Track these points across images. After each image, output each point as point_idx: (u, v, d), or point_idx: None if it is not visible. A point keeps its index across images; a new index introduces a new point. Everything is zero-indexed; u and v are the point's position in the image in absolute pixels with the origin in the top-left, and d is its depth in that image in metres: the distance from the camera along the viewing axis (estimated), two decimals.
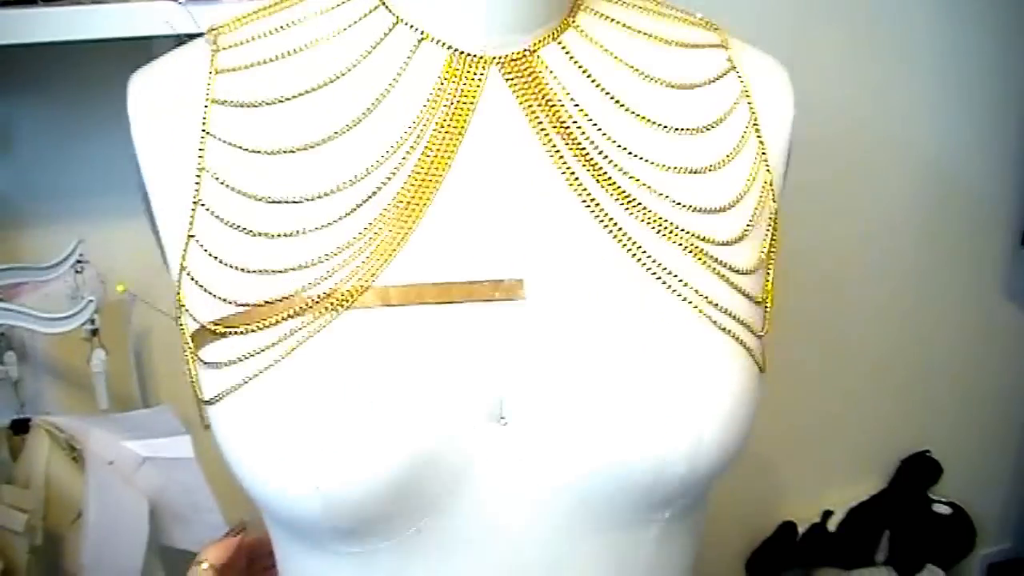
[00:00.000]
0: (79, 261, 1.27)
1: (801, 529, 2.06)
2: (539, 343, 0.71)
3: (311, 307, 0.70)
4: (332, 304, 0.70)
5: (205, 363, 0.72)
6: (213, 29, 0.80)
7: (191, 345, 0.73)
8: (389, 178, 0.73)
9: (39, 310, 1.22)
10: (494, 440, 0.71)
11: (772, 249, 0.80)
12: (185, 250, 0.74)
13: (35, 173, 1.38)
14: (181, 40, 0.84)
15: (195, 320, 0.73)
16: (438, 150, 0.74)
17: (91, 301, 1.22)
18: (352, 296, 0.70)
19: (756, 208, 0.79)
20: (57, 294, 1.28)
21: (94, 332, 1.26)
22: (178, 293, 0.75)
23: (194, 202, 0.74)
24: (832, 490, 2.07)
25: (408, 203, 0.73)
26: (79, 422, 1.25)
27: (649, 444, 0.69)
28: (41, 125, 1.36)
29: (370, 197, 0.73)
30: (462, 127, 0.75)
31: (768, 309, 0.79)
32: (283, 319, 0.70)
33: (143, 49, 1.01)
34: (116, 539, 1.22)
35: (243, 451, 0.69)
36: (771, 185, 0.81)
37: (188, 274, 0.74)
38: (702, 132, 0.80)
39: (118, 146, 0.79)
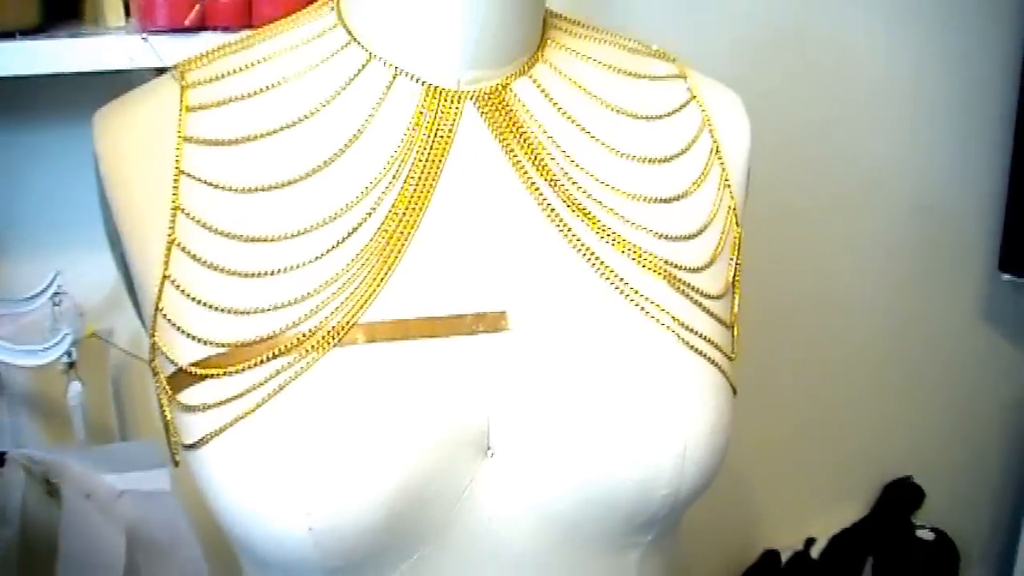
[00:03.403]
0: (57, 293, 1.26)
1: (784, 557, 2.05)
2: (524, 374, 0.72)
3: (296, 346, 0.70)
4: (318, 343, 0.70)
5: (186, 406, 0.71)
6: (179, 66, 0.80)
7: (167, 389, 0.72)
8: (369, 214, 0.73)
9: (15, 343, 1.21)
10: (482, 472, 0.71)
11: (737, 274, 0.82)
12: (160, 291, 0.73)
13: (12, 204, 1.37)
14: (159, 73, 0.84)
15: (172, 363, 0.72)
16: (417, 185, 0.74)
17: (67, 334, 1.21)
18: (337, 334, 0.70)
19: (722, 234, 0.82)
20: (34, 326, 1.27)
21: (71, 365, 1.25)
22: (152, 335, 0.74)
23: (169, 242, 0.73)
24: (815, 517, 2.07)
25: (389, 239, 0.73)
26: (56, 455, 1.24)
27: (635, 464, 0.71)
28: (18, 156, 1.36)
29: (351, 233, 0.73)
30: (440, 162, 0.75)
31: (736, 334, 0.80)
32: (268, 359, 0.69)
33: (123, 82, 1.01)
34: (92, 572, 1.21)
35: (233, 494, 0.68)
36: (734, 211, 0.83)
37: (164, 315, 0.73)
38: (668, 161, 0.82)
39: (96, 178, 0.78)
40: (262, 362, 0.69)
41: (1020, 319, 2.07)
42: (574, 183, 0.77)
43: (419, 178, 0.74)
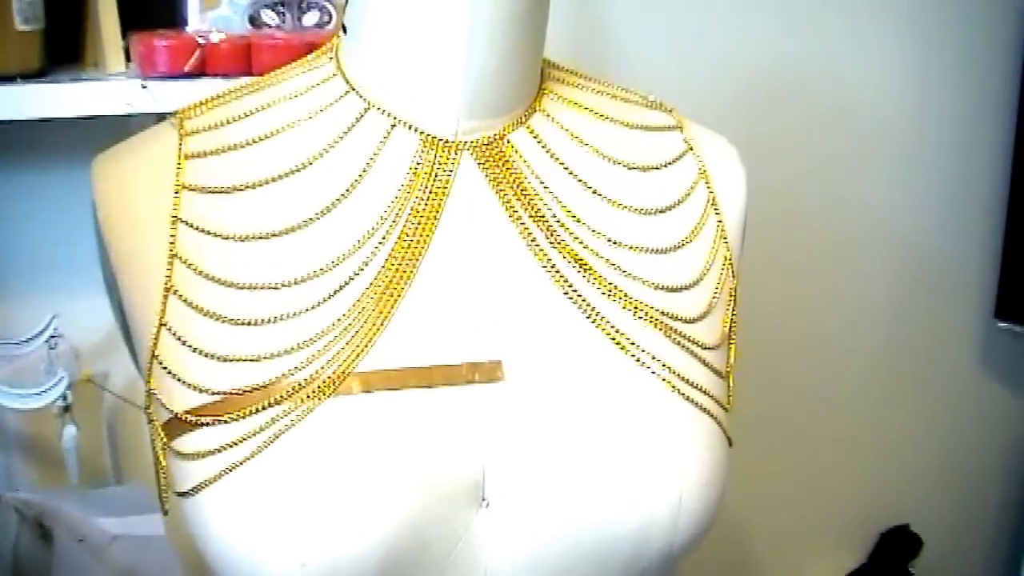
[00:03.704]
0: (53, 336, 1.26)
1: None
2: (519, 424, 0.72)
3: (292, 395, 0.70)
4: (313, 392, 0.70)
5: (181, 454, 0.71)
6: (178, 113, 0.80)
7: (162, 435, 0.72)
8: (366, 263, 0.74)
9: (10, 385, 1.21)
10: (478, 522, 0.71)
11: (733, 324, 0.82)
12: (156, 338, 0.73)
13: (11, 247, 1.37)
14: (160, 118, 0.84)
15: (167, 410, 0.72)
16: (414, 235, 0.75)
17: (63, 377, 1.21)
18: (333, 383, 0.70)
19: (718, 285, 0.82)
20: (30, 369, 1.27)
21: (66, 408, 1.25)
22: (148, 382, 0.74)
23: (166, 289, 0.73)
24: (811, 565, 2.06)
25: (386, 288, 0.73)
26: (49, 499, 1.23)
27: (630, 515, 0.71)
28: (17, 199, 1.36)
29: (348, 282, 0.73)
30: (437, 211, 0.75)
31: (731, 385, 0.81)
32: (263, 407, 0.69)
33: (122, 127, 1.01)
34: None
35: (228, 542, 0.68)
36: (730, 262, 0.84)
37: (160, 363, 0.73)
38: (664, 212, 0.82)
39: (94, 223, 0.79)
40: (258, 411, 0.69)
41: (1016, 366, 2.07)
42: (570, 233, 0.77)
43: (416, 228, 0.75)
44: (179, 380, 0.72)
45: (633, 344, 0.75)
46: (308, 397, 0.69)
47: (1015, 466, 2.15)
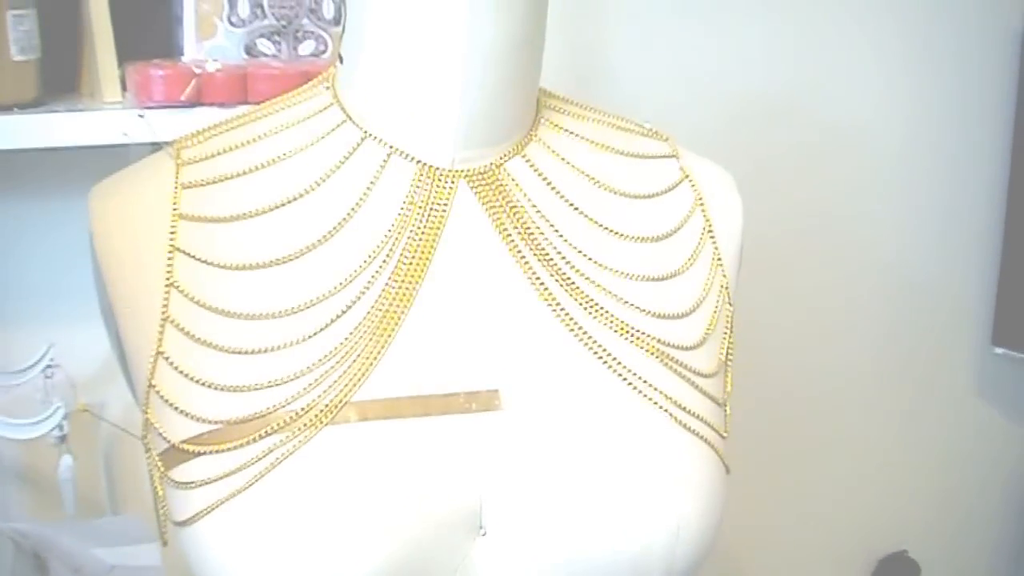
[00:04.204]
0: (49, 366, 1.25)
1: None
2: (516, 453, 0.72)
3: (289, 424, 0.70)
4: (310, 421, 0.69)
5: (178, 483, 0.71)
6: (175, 143, 0.81)
7: (159, 465, 0.72)
8: (363, 292, 0.74)
9: (6, 414, 1.21)
10: (475, 551, 0.71)
11: (730, 352, 0.82)
12: (153, 367, 0.73)
13: (7, 276, 1.37)
14: (156, 148, 0.84)
15: (164, 439, 0.72)
16: (411, 263, 0.75)
17: (59, 407, 1.20)
18: (330, 412, 0.70)
19: (714, 312, 0.82)
20: (26, 398, 1.27)
21: (62, 438, 1.24)
22: (145, 411, 0.74)
23: (163, 319, 0.73)
24: None
25: (383, 317, 0.73)
26: (45, 529, 1.23)
27: (628, 544, 0.71)
28: (13, 228, 1.36)
29: (345, 311, 0.73)
30: (433, 240, 0.76)
31: (728, 412, 0.81)
32: (260, 437, 0.69)
33: (119, 156, 1.01)
34: None
35: (225, 571, 0.68)
36: (727, 289, 0.84)
37: (157, 392, 0.73)
38: (661, 240, 0.82)
39: (91, 253, 0.79)
40: (255, 440, 0.69)
41: (1014, 393, 2.06)
42: (567, 261, 0.77)
43: (413, 257, 0.75)
44: (176, 409, 0.72)
45: (630, 372, 0.75)
46: (305, 426, 0.69)
47: (1013, 492, 2.14)
